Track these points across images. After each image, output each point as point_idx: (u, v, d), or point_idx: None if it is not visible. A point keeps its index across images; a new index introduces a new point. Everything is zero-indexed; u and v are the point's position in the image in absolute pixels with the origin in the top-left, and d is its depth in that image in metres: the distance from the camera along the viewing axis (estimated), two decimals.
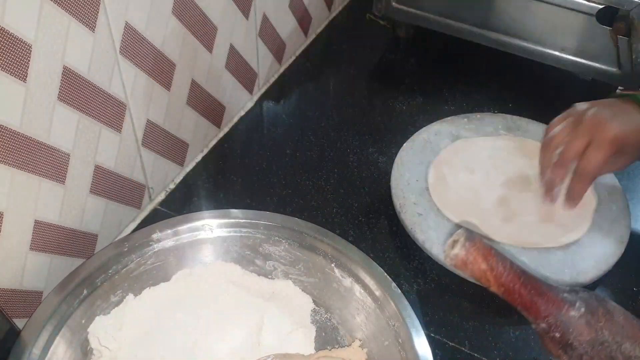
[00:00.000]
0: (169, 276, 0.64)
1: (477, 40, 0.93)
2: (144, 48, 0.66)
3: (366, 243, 0.73)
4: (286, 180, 0.81)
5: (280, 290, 0.65)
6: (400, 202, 0.73)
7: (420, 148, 0.80)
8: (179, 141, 0.79)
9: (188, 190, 0.80)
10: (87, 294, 0.58)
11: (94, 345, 0.58)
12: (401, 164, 0.78)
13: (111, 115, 0.65)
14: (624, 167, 0.68)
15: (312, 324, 0.64)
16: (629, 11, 0.79)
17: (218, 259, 0.66)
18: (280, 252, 0.65)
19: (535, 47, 0.90)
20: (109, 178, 0.68)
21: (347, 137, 0.88)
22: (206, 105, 0.82)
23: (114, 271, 0.61)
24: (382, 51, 1.07)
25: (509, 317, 0.67)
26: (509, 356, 0.64)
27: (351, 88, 0.99)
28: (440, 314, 0.67)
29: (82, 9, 0.55)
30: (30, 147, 0.55)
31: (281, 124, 0.91)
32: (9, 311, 0.58)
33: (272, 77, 0.98)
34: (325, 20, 1.11)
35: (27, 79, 0.52)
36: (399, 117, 0.92)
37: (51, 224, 0.61)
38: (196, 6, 0.71)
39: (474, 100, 0.95)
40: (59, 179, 0.60)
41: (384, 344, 0.59)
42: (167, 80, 0.72)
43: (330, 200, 0.79)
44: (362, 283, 0.61)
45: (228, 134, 0.88)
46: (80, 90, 0.59)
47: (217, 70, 0.82)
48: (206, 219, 0.65)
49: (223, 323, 0.61)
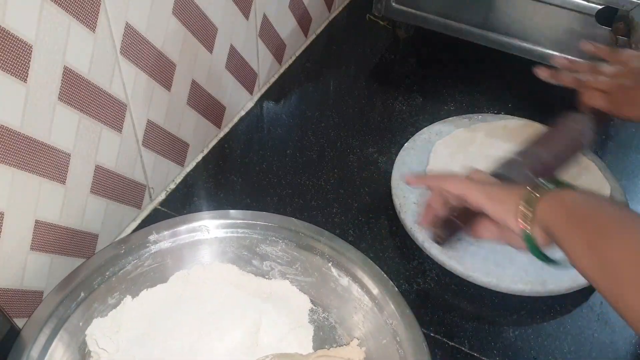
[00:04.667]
0: (166, 277, 0.64)
1: (477, 41, 0.94)
2: (145, 48, 0.66)
3: (366, 243, 0.74)
4: (286, 180, 0.82)
5: (277, 290, 0.65)
6: (400, 202, 0.73)
7: (420, 148, 0.80)
8: (180, 141, 0.79)
9: (188, 190, 0.80)
10: (85, 297, 0.58)
11: (91, 347, 0.58)
12: (402, 163, 0.78)
13: (112, 115, 0.65)
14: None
15: (309, 323, 0.64)
16: (629, 11, 0.79)
17: (215, 260, 0.66)
18: (277, 252, 0.65)
19: (535, 47, 0.90)
20: (109, 178, 0.68)
21: (347, 137, 0.88)
22: (206, 105, 0.82)
23: (111, 273, 0.61)
24: (382, 51, 1.07)
25: (508, 317, 0.67)
26: (508, 356, 0.64)
27: (351, 88, 0.99)
28: (439, 313, 0.67)
29: (83, 10, 0.55)
30: (30, 147, 0.55)
31: (281, 124, 0.92)
32: (10, 311, 0.58)
33: (272, 78, 0.98)
34: (325, 20, 1.12)
35: (28, 79, 0.52)
36: (399, 117, 0.93)
37: (52, 223, 0.61)
38: (196, 6, 0.71)
39: (473, 100, 0.95)
40: (60, 179, 0.60)
41: (381, 342, 0.59)
42: (167, 80, 0.72)
43: (330, 200, 0.79)
44: (359, 282, 0.61)
45: (228, 134, 0.88)
46: (81, 90, 0.59)
47: (218, 70, 0.82)
48: (203, 220, 0.65)
49: (221, 324, 0.61)
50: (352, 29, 1.13)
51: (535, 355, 0.64)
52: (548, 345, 0.65)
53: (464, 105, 0.94)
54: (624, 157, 0.87)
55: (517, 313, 0.67)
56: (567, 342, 0.65)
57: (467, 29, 0.94)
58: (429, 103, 0.95)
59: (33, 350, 0.53)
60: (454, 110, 0.93)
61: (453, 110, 0.93)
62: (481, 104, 0.94)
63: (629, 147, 0.89)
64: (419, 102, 0.95)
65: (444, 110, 0.93)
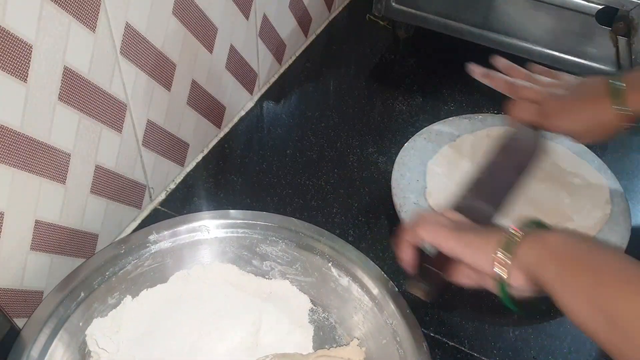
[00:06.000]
0: (166, 277, 0.64)
1: (477, 41, 0.94)
2: (145, 48, 0.66)
3: (366, 243, 0.74)
4: (286, 180, 0.82)
5: (277, 290, 0.65)
6: (400, 202, 0.73)
7: (421, 148, 0.80)
8: (180, 141, 0.79)
9: (188, 190, 0.80)
10: (85, 297, 0.58)
11: (91, 347, 0.58)
12: (402, 163, 0.78)
13: (112, 115, 0.65)
14: None
15: (310, 323, 0.64)
16: (629, 11, 0.79)
17: (215, 260, 0.66)
18: (277, 252, 0.65)
19: (535, 47, 0.90)
20: (109, 178, 0.68)
21: (347, 137, 0.88)
22: (206, 105, 0.82)
23: (111, 273, 0.61)
24: (382, 51, 1.07)
25: (508, 317, 0.67)
26: (508, 356, 0.64)
27: (351, 88, 0.99)
28: (440, 313, 0.67)
29: (83, 10, 0.55)
30: (31, 147, 0.55)
31: (281, 124, 0.92)
32: (10, 311, 0.58)
33: (272, 78, 0.99)
34: (325, 20, 1.12)
35: (28, 79, 0.52)
36: (399, 117, 0.93)
37: (52, 223, 0.61)
38: (196, 7, 0.71)
39: (473, 100, 0.95)
40: (60, 179, 0.60)
41: (381, 342, 0.59)
42: (167, 80, 0.72)
43: (330, 200, 0.79)
44: (359, 282, 0.61)
45: (228, 134, 0.88)
46: (81, 90, 0.59)
47: (218, 70, 0.82)
48: (203, 220, 0.65)
49: (221, 324, 0.61)
50: (352, 29, 1.13)
51: (535, 355, 0.64)
52: (548, 345, 0.65)
53: (463, 105, 0.94)
54: (624, 157, 0.87)
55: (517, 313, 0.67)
56: (567, 342, 0.65)
57: (467, 29, 0.94)
58: (429, 103, 0.95)
59: (33, 350, 0.53)
60: (454, 110, 0.93)
61: (453, 110, 0.93)
62: (481, 104, 0.94)
63: (629, 147, 0.89)
64: (419, 102, 0.95)
65: (444, 110, 0.93)
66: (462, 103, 0.95)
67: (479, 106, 0.94)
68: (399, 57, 1.06)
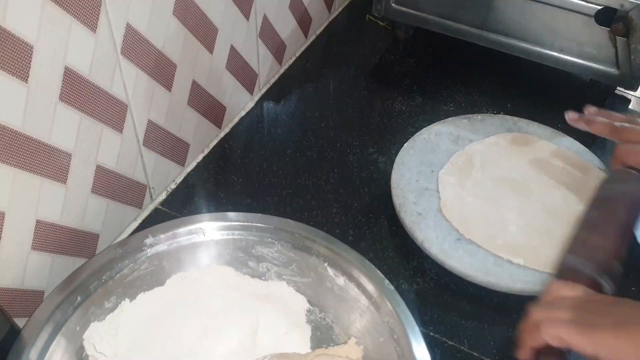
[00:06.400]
0: (163, 281, 0.64)
1: (477, 41, 0.94)
2: (145, 49, 0.66)
3: (366, 243, 0.74)
4: (286, 180, 0.82)
5: (274, 291, 0.65)
6: (400, 201, 0.74)
7: (420, 148, 0.81)
8: (180, 141, 0.79)
9: (189, 190, 0.81)
10: (82, 301, 0.58)
11: (89, 351, 0.58)
12: (402, 163, 0.78)
13: (112, 115, 0.65)
14: None
15: (307, 323, 0.64)
16: (628, 12, 0.79)
17: (212, 262, 0.66)
18: (273, 253, 0.65)
19: (534, 48, 0.90)
20: (110, 178, 0.68)
21: (347, 137, 0.89)
22: (207, 105, 0.82)
23: (107, 277, 0.60)
24: (382, 52, 1.08)
25: (508, 316, 0.67)
26: (508, 356, 0.64)
27: (351, 88, 0.99)
28: (439, 313, 0.67)
29: (83, 10, 0.56)
30: (31, 147, 0.55)
31: (281, 124, 0.92)
32: (10, 311, 0.58)
33: (273, 78, 0.99)
34: (325, 21, 1.12)
35: (29, 80, 0.52)
36: (399, 117, 0.93)
37: (52, 223, 0.61)
38: (197, 7, 0.72)
39: (473, 101, 0.95)
40: (61, 179, 0.61)
41: (379, 340, 0.59)
42: (168, 80, 0.72)
43: (330, 200, 0.79)
44: (355, 281, 0.61)
45: (229, 134, 0.89)
46: (82, 90, 0.59)
47: (218, 70, 0.82)
48: (199, 223, 0.65)
49: (219, 326, 0.61)
50: (352, 29, 1.13)
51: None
52: None
53: (463, 105, 0.95)
54: None
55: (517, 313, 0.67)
56: None
57: (467, 30, 0.94)
58: (428, 103, 0.95)
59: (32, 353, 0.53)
60: (453, 111, 0.93)
61: (453, 110, 0.94)
62: (481, 104, 0.95)
63: None
64: (419, 102, 0.96)
65: (443, 110, 0.94)
66: (462, 103, 0.95)
67: (478, 106, 0.94)
68: (399, 57, 1.07)
